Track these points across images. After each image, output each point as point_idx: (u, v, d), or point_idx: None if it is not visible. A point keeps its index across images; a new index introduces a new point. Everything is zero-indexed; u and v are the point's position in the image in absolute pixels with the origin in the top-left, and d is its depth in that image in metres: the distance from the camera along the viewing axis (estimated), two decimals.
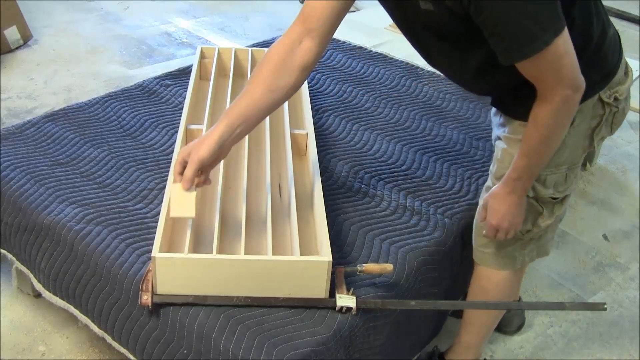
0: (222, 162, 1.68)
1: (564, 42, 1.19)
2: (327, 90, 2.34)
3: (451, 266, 1.72)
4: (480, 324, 1.72)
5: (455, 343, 1.77)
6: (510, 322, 1.99)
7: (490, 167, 1.53)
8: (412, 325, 1.67)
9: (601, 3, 1.37)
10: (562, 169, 1.43)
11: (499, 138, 1.49)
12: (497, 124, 1.51)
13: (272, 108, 1.42)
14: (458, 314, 1.82)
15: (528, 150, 1.34)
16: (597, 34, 1.33)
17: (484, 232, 1.51)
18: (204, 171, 1.37)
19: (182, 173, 1.33)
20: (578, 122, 1.37)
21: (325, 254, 1.40)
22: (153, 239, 1.40)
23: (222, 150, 1.34)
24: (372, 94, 2.33)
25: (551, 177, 1.43)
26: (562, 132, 1.33)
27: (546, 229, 1.53)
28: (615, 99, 1.38)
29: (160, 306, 1.41)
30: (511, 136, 1.44)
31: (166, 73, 2.41)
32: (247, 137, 1.81)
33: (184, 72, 2.39)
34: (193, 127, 1.84)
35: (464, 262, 1.77)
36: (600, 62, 1.36)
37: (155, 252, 1.35)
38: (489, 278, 1.62)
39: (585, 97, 1.30)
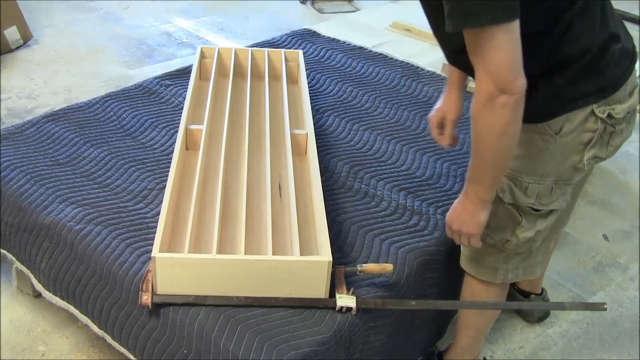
0: (222, 162, 1.68)
1: (504, 37, 1.12)
2: (327, 90, 2.34)
3: (451, 266, 1.72)
4: (475, 328, 1.72)
5: (452, 344, 1.77)
6: (532, 311, 2.03)
7: None
8: (413, 326, 1.67)
9: (617, 19, 1.33)
10: (548, 180, 1.37)
11: None
12: None
13: None
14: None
15: (473, 148, 1.29)
16: (597, 46, 1.28)
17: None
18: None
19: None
20: (566, 131, 1.31)
21: (325, 254, 1.40)
22: (153, 239, 1.40)
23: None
24: (372, 94, 2.33)
25: (534, 187, 1.38)
26: (493, 134, 1.22)
27: (531, 246, 1.49)
28: (610, 116, 1.31)
29: (160, 306, 1.41)
30: None
31: (166, 73, 2.41)
32: (246, 136, 1.81)
33: (184, 72, 2.39)
34: (193, 127, 1.84)
35: None
36: (595, 74, 1.29)
37: (155, 252, 1.35)
38: (479, 292, 1.60)
39: (574, 106, 1.28)
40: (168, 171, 1.66)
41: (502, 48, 1.13)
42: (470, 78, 1.62)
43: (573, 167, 1.37)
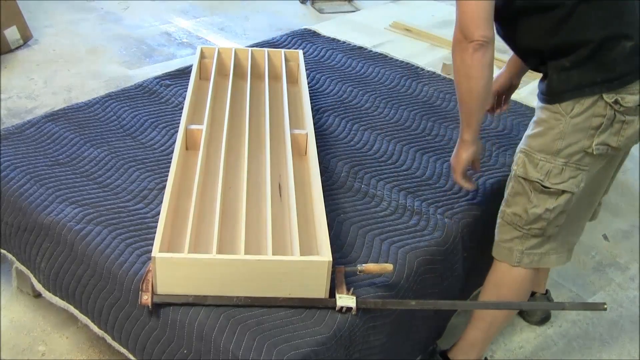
0: (222, 162, 1.68)
1: None
2: (327, 90, 2.34)
3: (451, 266, 1.72)
4: (491, 321, 1.71)
5: (460, 339, 1.77)
6: (533, 312, 2.04)
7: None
8: (413, 326, 1.67)
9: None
10: (559, 161, 1.45)
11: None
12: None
13: None
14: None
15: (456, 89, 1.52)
16: (605, 38, 1.37)
17: None
18: None
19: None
20: (576, 112, 1.41)
21: (325, 254, 1.40)
22: (153, 239, 1.40)
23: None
24: (372, 94, 2.33)
25: (544, 164, 1.47)
26: (460, 74, 1.45)
27: (544, 231, 1.53)
28: (617, 102, 1.38)
29: (160, 306, 1.41)
30: (532, 119, 1.54)
31: (166, 73, 2.41)
32: (246, 136, 1.81)
33: (184, 72, 2.39)
34: (193, 127, 1.84)
35: (464, 262, 1.77)
36: (602, 65, 1.38)
37: (155, 252, 1.35)
38: (503, 274, 1.64)
39: (582, 93, 1.40)
40: (168, 171, 1.66)
41: (472, 2, 1.36)
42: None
43: (583, 151, 1.44)
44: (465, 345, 1.75)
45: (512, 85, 1.87)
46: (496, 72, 1.70)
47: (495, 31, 1.44)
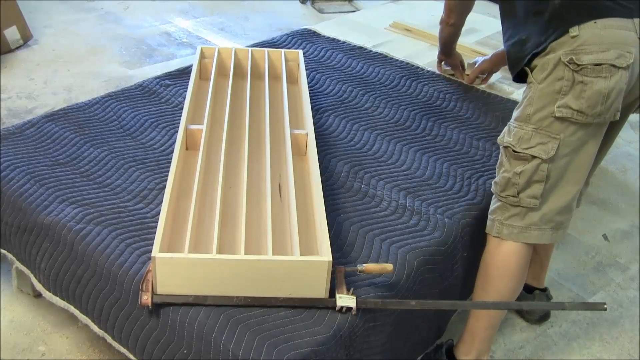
0: (222, 162, 1.68)
1: None
2: (327, 90, 2.34)
3: (451, 266, 1.72)
4: (487, 312, 1.71)
5: (463, 333, 1.76)
6: (532, 310, 2.04)
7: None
8: (413, 326, 1.67)
9: None
10: (530, 126, 1.53)
11: None
12: None
13: None
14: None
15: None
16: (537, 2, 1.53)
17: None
18: None
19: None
20: (541, 77, 1.50)
21: (325, 254, 1.40)
22: (153, 239, 1.40)
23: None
24: (372, 94, 2.33)
25: (516, 131, 1.56)
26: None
27: (519, 200, 1.57)
28: (572, 61, 1.45)
29: (160, 306, 1.41)
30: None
31: (166, 73, 2.41)
32: (246, 136, 1.81)
33: (184, 72, 2.39)
34: (193, 127, 1.84)
35: (464, 262, 1.77)
36: (539, 26, 1.52)
37: (155, 252, 1.35)
38: (490, 252, 1.66)
39: (535, 54, 1.52)
40: (168, 171, 1.66)
41: None
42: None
43: (550, 116, 1.51)
44: (467, 336, 1.75)
45: (491, 71, 2.40)
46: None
47: None
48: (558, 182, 1.57)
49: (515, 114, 1.59)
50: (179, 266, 1.36)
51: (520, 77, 1.60)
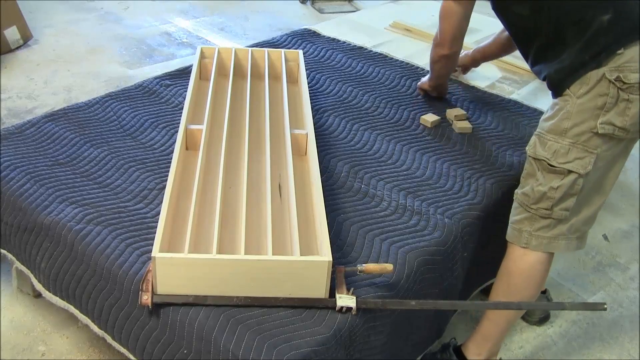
0: (222, 162, 1.68)
1: (449, 8, 1.79)
2: (327, 90, 2.34)
3: (451, 266, 1.72)
4: (502, 313, 1.71)
5: (474, 332, 1.77)
6: (532, 312, 2.04)
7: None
8: (413, 326, 1.67)
9: None
10: (566, 140, 1.50)
11: None
12: None
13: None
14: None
15: None
16: (584, 18, 1.47)
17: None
18: None
19: None
20: (582, 92, 1.47)
21: (325, 254, 1.40)
22: (153, 239, 1.40)
23: None
24: (372, 94, 2.33)
25: (552, 144, 1.52)
26: (431, 58, 2.04)
27: (551, 212, 1.55)
28: (619, 79, 1.43)
29: (160, 306, 1.41)
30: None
31: (166, 73, 2.41)
32: (246, 136, 1.81)
33: (184, 72, 2.39)
34: (193, 127, 1.84)
35: (464, 262, 1.77)
36: (587, 43, 1.46)
37: (155, 252, 1.35)
38: (515, 261, 1.65)
39: (577, 75, 1.47)
40: (168, 171, 1.66)
41: (447, 19, 1.82)
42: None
43: (590, 132, 1.48)
44: (479, 337, 1.76)
45: (468, 67, 2.42)
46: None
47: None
48: (589, 194, 1.58)
49: (546, 125, 1.55)
50: (179, 266, 1.36)
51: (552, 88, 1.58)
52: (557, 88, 1.54)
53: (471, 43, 2.79)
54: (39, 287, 1.70)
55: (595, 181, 1.56)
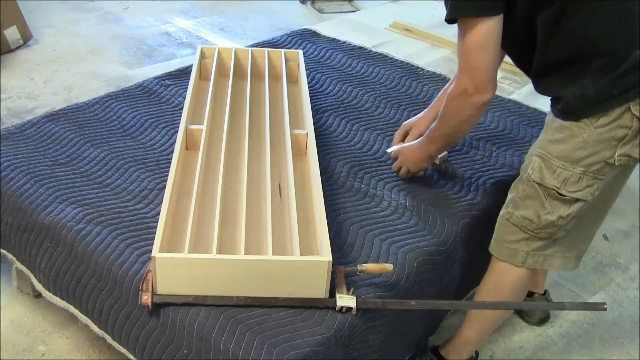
0: (222, 162, 1.68)
1: (486, 33, 1.35)
2: (327, 90, 2.34)
3: (451, 266, 1.72)
4: (485, 321, 1.72)
5: (454, 337, 1.77)
6: (532, 312, 2.03)
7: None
8: (410, 325, 1.67)
9: (634, 20, 1.35)
10: (578, 169, 1.41)
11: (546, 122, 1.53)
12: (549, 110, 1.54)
13: None
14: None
15: (439, 117, 1.58)
16: (617, 50, 1.34)
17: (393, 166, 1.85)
18: None
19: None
20: (601, 123, 1.36)
21: (325, 254, 1.40)
22: (153, 239, 1.40)
23: None
24: (372, 94, 2.33)
25: (562, 172, 1.43)
26: (457, 118, 1.52)
27: (551, 232, 1.51)
28: None
29: (160, 306, 1.41)
30: (548, 121, 1.49)
31: (166, 73, 2.41)
32: (246, 136, 1.81)
33: (184, 72, 2.39)
34: (193, 127, 1.84)
35: (464, 262, 1.77)
36: (618, 77, 1.34)
37: (155, 252, 1.35)
38: (503, 274, 1.63)
39: (600, 108, 1.35)
40: (168, 171, 1.66)
41: (484, 48, 1.36)
42: None
43: (604, 162, 1.40)
44: (459, 343, 1.76)
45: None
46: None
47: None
48: (590, 215, 1.55)
49: (555, 150, 1.43)
50: (179, 266, 1.36)
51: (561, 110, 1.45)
52: (574, 114, 1.40)
53: None
54: (39, 287, 1.70)
55: (598, 203, 1.52)
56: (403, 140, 1.92)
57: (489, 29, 1.35)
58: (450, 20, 1.40)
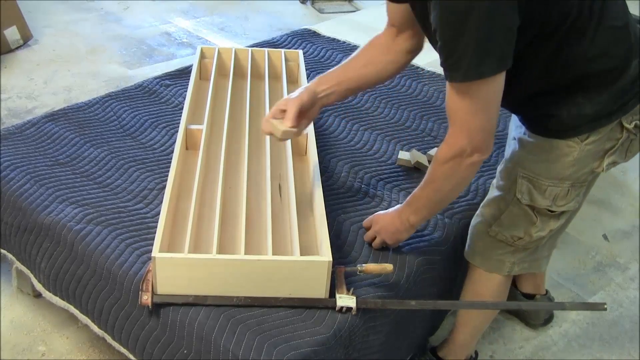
0: (222, 162, 1.68)
1: (496, 88, 1.18)
2: None
3: (451, 266, 1.72)
4: (473, 325, 1.74)
5: (449, 341, 1.78)
6: (537, 315, 2.03)
7: (499, 167, 1.53)
8: (411, 325, 1.67)
9: (632, 32, 1.31)
10: (566, 184, 1.39)
11: (514, 138, 1.47)
12: (516, 124, 1.48)
13: (364, 80, 1.53)
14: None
15: (426, 182, 1.39)
16: (617, 66, 1.29)
17: (365, 236, 1.60)
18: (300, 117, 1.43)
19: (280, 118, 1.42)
20: (591, 140, 1.33)
21: (325, 254, 1.40)
22: (153, 239, 1.40)
23: (315, 101, 1.47)
24: (372, 94, 2.33)
25: (552, 189, 1.40)
26: (450, 183, 1.34)
27: (540, 243, 1.53)
28: (636, 125, 1.35)
29: (160, 306, 1.41)
30: (525, 138, 1.41)
31: (166, 73, 2.41)
32: (246, 136, 1.81)
33: (184, 72, 2.39)
34: (193, 127, 1.84)
35: (464, 262, 1.77)
36: (618, 92, 1.31)
37: (155, 252, 1.35)
38: (482, 282, 1.63)
39: (599, 124, 1.31)
40: (168, 171, 1.66)
41: (491, 107, 1.20)
42: None
43: (591, 171, 1.40)
44: (455, 346, 1.77)
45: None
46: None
47: None
48: (571, 214, 1.56)
49: (540, 169, 1.39)
50: (179, 266, 1.36)
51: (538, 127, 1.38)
52: (565, 133, 1.33)
53: None
54: (39, 287, 1.70)
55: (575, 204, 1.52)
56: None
57: (500, 83, 1.18)
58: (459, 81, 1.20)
